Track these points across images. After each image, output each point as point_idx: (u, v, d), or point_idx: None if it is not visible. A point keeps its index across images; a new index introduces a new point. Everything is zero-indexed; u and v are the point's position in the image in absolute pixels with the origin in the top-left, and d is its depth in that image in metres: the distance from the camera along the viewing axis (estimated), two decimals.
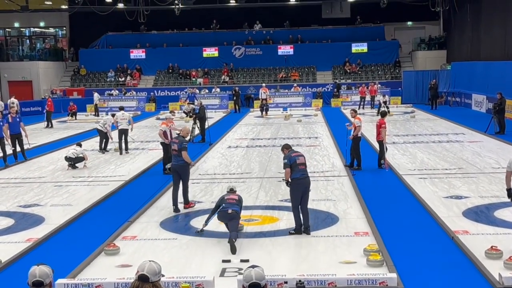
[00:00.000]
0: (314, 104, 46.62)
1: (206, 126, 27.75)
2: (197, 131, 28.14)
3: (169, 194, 15.30)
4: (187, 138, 15.57)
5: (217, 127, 32.70)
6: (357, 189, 16.47)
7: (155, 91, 51.61)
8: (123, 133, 24.30)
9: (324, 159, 21.99)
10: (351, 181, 17.64)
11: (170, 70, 54.92)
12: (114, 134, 25.66)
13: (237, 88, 46.69)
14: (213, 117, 39.13)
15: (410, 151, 23.14)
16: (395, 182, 17.67)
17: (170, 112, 23.03)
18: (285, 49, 54.87)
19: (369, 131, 27.81)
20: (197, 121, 27.93)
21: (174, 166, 14.60)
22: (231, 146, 26.05)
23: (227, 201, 12.05)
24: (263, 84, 47.03)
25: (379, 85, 46.53)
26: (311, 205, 13.34)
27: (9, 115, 23.50)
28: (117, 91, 49.40)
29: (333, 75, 53.77)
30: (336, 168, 20.07)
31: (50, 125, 36.92)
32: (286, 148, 12.76)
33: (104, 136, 24.87)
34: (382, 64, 54.18)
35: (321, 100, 47.51)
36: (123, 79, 53.99)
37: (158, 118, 38.45)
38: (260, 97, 43.66)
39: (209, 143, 26.39)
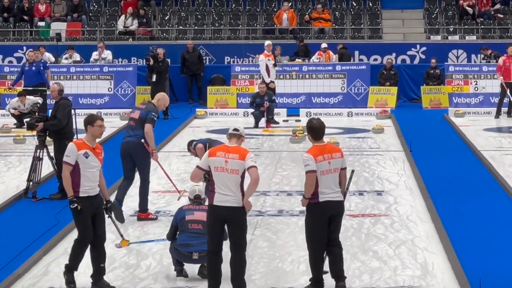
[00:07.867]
0: (373, 99, 26.17)
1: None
2: (46, 170, 16.26)
3: None
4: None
5: (108, 160, 12.33)
6: None
7: None
8: None
9: (404, 259, 10.18)
10: None
11: None
12: None
13: (160, 52, 24.82)
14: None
15: None
16: None
17: None
18: None
19: None
20: (47, 142, 15.41)
21: (124, 146, 11.72)
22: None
23: (189, 226, 8.94)
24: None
25: None
26: None
27: None
28: None
29: (426, 21, 29.69)
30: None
31: None
32: (190, 144, 11.59)
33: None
34: None
35: (395, 90, 25.93)
36: None
37: None
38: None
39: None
